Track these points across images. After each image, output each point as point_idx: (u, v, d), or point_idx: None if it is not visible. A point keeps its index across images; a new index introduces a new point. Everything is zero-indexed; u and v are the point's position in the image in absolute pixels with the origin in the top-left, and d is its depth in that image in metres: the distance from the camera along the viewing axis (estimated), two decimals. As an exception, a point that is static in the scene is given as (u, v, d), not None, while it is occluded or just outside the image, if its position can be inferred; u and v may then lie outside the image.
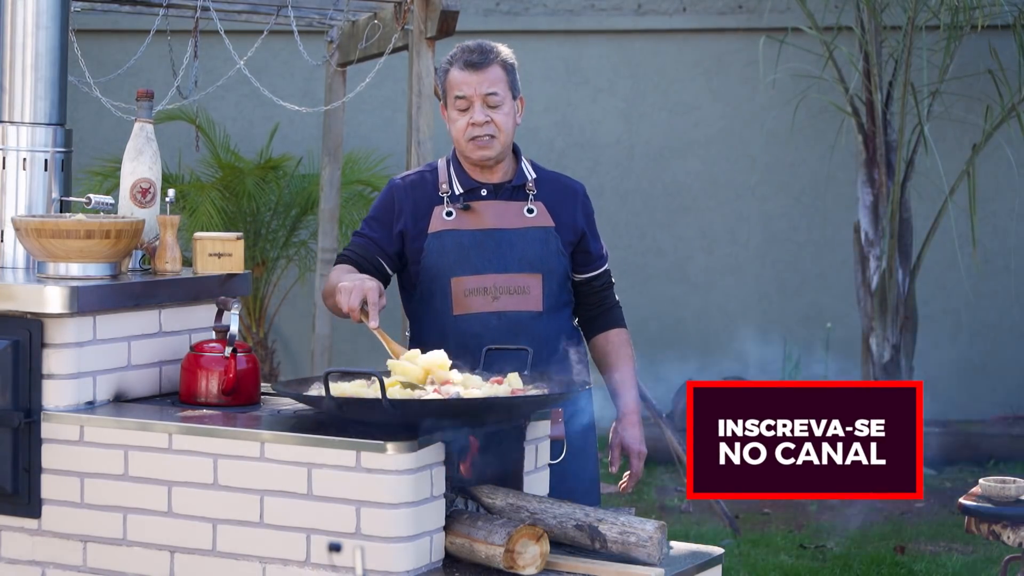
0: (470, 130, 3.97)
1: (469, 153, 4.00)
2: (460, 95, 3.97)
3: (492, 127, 3.97)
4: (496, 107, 3.98)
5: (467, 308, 3.97)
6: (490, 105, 3.97)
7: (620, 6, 9.70)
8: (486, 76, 3.97)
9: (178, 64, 6.55)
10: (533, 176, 4.09)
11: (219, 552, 3.44)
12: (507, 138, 4.00)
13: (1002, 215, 9.48)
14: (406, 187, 4.06)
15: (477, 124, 3.96)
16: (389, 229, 4.03)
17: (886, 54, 8.35)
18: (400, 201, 4.03)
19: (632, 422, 4.14)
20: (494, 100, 3.97)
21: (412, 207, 4.02)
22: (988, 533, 4.74)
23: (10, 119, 4.02)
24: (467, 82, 3.97)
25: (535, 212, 4.04)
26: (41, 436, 3.62)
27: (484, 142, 3.97)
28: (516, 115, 4.04)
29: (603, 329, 4.18)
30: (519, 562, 3.37)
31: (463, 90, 3.97)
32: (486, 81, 3.97)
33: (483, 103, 3.97)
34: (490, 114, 3.97)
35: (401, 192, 4.05)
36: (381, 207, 4.07)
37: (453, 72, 3.99)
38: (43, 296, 3.59)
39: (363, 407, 3.41)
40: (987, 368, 9.52)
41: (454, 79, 3.99)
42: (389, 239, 4.02)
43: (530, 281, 4.01)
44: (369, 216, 4.08)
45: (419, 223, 4.01)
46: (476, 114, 3.96)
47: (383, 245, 4.02)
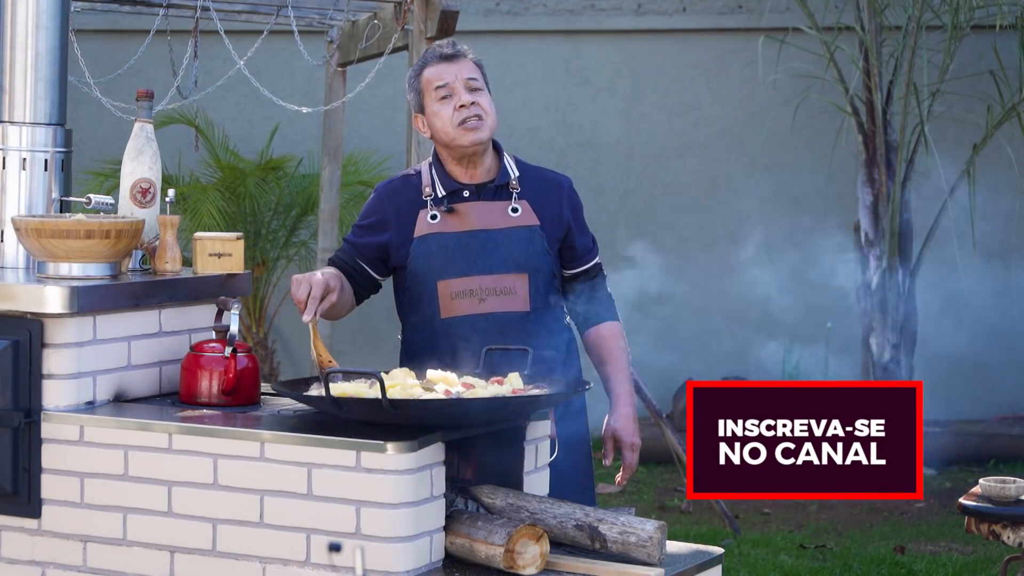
0: (458, 114, 3.97)
1: (460, 140, 3.98)
2: (441, 84, 3.98)
3: (478, 108, 3.97)
4: (478, 90, 3.99)
5: (454, 311, 3.97)
6: (472, 89, 3.98)
7: (620, 6, 9.70)
8: (463, 64, 4.00)
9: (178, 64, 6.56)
10: (516, 174, 4.07)
11: (219, 552, 3.44)
12: (493, 121, 4.00)
13: (1002, 215, 9.48)
14: (390, 193, 4.06)
15: (464, 105, 3.96)
16: (375, 235, 4.03)
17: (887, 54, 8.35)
18: (386, 207, 4.03)
19: (625, 414, 4.12)
20: (475, 84, 3.99)
21: (397, 213, 4.02)
22: (988, 533, 4.74)
23: (10, 119, 4.02)
24: (446, 71, 3.98)
25: (520, 211, 4.03)
26: (41, 436, 3.62)
27: (474, 123, 3.97)
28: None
29: (596, 323, 4.17)
30: (519, 562, 3.37)
31: (443, 78, 3.98)
32: (464, 68, 4.00)
33: (465, 87, 3.98)
34: (474, 96, 3.98)
35: (385, 198, 4.06)
36: (367, 213, 4.07)
37: (428, 70, 4.01)
38: (43, 296, 3.59)
39: (363, 407, 3.41)
40: (987, 368, 9.52)
41: (430, 74, 4.00)
42: (375, 246, 4.02)
43: (516, 281, 4.00)
44: (356, 223, 4.09)
45: (404, 228, 4.01)
46: (462, 96, 3.97)
47: (368, 252, 4.02)
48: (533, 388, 3.61)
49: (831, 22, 8.65)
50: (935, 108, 8.47)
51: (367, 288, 4.05)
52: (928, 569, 6.63)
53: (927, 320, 9.01)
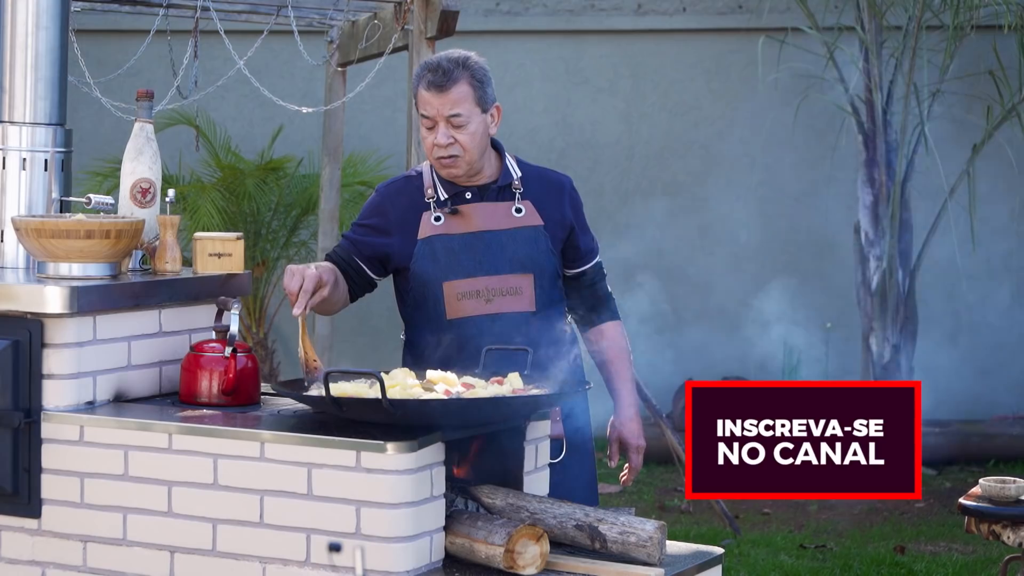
0: (435, 150, 3.97)
1: (438, 170, 4.01)
2: (425, 115, 3.96)
3: (456, 147, 3.95)
4: (461, 127, 3.95)
5: (461, 312, 3.97)
6: (454, 125, 3.95)
7: (620, 6, 9.70)
8: (448, 97, 3.92)
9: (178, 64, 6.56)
10: (519, 174, 4.07)
11: (219, 552, 3.44)
12: (474, 154, 3.97)
13: (1002, 215, 9.48)
14: (391, 194, 4.06)
15: (440, 145, 3.95)
16: (376, 237, 4.02)
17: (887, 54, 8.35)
18: (388, 209, 4.03)
19: (629, 415, 4.14)
20: (458, 121, 3.94)
21: (399, 215, 4.02)
22: (988, 533, 4.74)
23: (10, 119, 4.03)
24: (430, 103, 3.94)
25: (523, 211, 4.03)
26: (41, 436, 3.62)
27: (448, 162, 3.96)
28: (490, 126, 4.00)
29: (597, 323, 4.17)
30: (519, 562, 3.37)
31: (427, 110, 3.96)
32: (448, 102, 3.92)
33: (447, 124, 3.94)
34: (454, 135, 3.93)
35: (387, 199, 4.05)
36: (368, 213, 4.07)
37: (420, 90, 3.98)
38: (43, 296, 3.59)
39: (363, 407, 3.41)
40: (987, 368, 9.52)
41: (420, 97, 3.97)
42: (373, 244, 4.02)
43: (522, 282, 4.00)
44: (356, 221, 4.08)
45: (407, 230, 4.01)
46: (439, 135, 3.94)
47: (366, 251, 4.02)
48: (533, 388, 3.61)
49: (831, 22, 8.65)
50: (935, 108, 8.47)
51: (362, 286, 4.05)
52: (928, 569, 6.63)
53: (927, 320, 9.01)
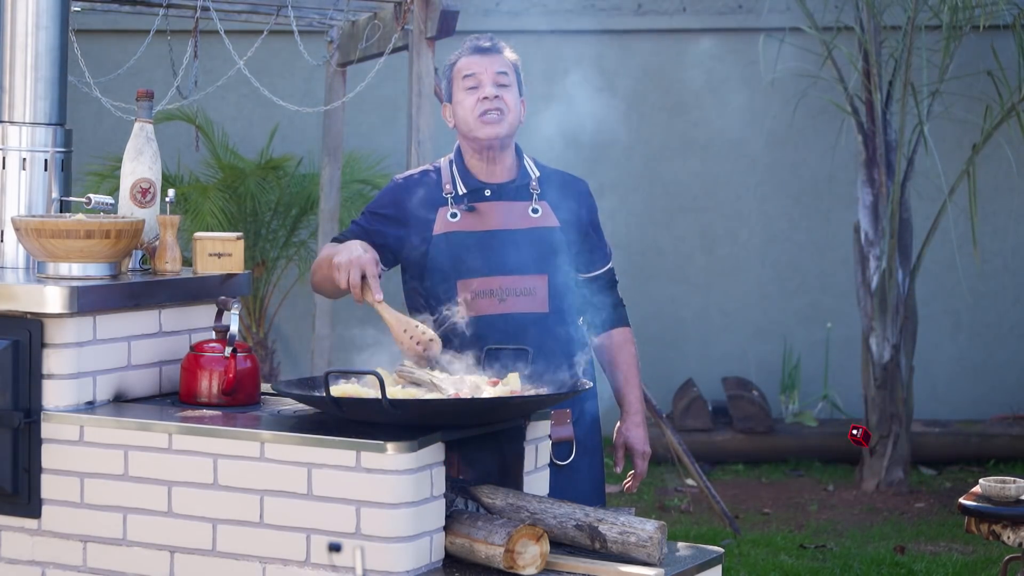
0: (480, 105, 3.99)
1: (478, 132, 4.00)
2: (469, 74, 4.01)
3: (501, 102, 4.00)
4: (506, 87, 4.01)
5: (475, 310, 3.96)
6: (500, 84, 3.99)
7: (620, 6, 9.70)
8: (496, 59, 4.03)
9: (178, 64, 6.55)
10: (536, 174, 4.09)
11: (219, 552, 3.44)
12: (515, 119, 4.03)
13: (1002, 215, 9.48)
14: (409, 186, 4.06)
15: (488, 98, 3.98)
16: (390, 227, 4.02)
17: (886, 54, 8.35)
18: (403, 200, 4.03)
19: (636, 422, 4.16)
20: (503, 79, 4.02)
21: (414, 208, 4.01)
22: (988, 533, 4.74)
23: (10, 119, 4.03)
24: (478, 63, 4.02)
25: (540, 212, 4.04)
26: (41, 436, 3.62)
27: (494, 118, 3.99)
28: (520, 110, 4.06)
29: (606, 328, 4.19)
30: (519, 562, 3.37)
31: (473, 69, 4.01)
32: (496, 63, 4.03)
33: (493, 81, 4.00)
34: (499, 91, 3.98)
35: (403, 191, 4.05)
36: (384, 203, 4.06)
37: (462, 60, 4.04)
38: (43, 296, 3.59)
39: (363, 407, 3.41)
40: (987, 368, 9.52)
41: (463, 64, 4.03)
42: (386, 234, 4.02)
43: (536, 282, 4.00)
44: (368, 209, 4.08)
45: (421, 224, 4.00)
46: (487, 89, 3.99)
47: (377, 239, 4.01)
48: (533, 388, 3.61)
49: (830, 22, 8.64)
50: (934, 108, 8.46)
51: None
52: (928, 569, 6.63)
53: (927, 320, 9.01)
